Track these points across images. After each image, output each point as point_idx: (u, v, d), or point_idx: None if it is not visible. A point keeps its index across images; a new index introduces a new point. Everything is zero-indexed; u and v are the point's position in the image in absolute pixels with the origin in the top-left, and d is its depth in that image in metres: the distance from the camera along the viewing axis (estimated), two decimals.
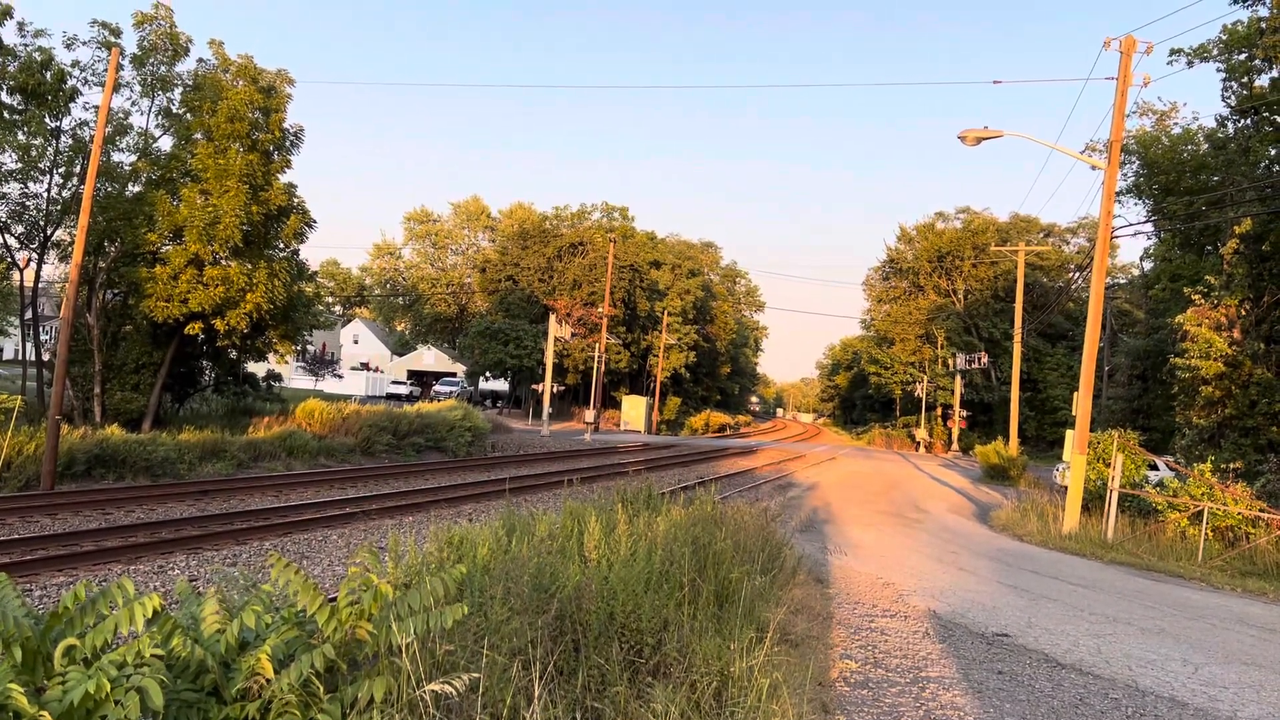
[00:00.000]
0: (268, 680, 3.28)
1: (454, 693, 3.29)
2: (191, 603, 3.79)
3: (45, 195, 27.64)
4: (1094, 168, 21.84)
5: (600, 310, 62.76)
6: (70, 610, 3.36)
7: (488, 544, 5.87)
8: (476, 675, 3.48)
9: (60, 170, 27.60)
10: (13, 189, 27.01)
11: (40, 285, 43.06)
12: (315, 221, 31.50)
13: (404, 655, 3.46)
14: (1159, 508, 19.29)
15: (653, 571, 5.82)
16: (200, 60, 29.55)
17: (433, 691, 3.37)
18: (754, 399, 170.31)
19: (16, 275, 29.52)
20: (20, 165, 26.41)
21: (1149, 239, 43.86)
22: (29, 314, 29.71)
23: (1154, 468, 24.28)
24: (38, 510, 15.87)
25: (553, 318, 54.94)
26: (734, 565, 7.05)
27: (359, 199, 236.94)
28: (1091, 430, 21.70)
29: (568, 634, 4.95)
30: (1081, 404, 20.60)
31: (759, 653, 5.40)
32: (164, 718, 3.14)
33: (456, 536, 6.18)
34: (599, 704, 4.55)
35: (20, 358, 30.30)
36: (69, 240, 27.75)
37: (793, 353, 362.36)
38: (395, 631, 3.38)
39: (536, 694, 3.89)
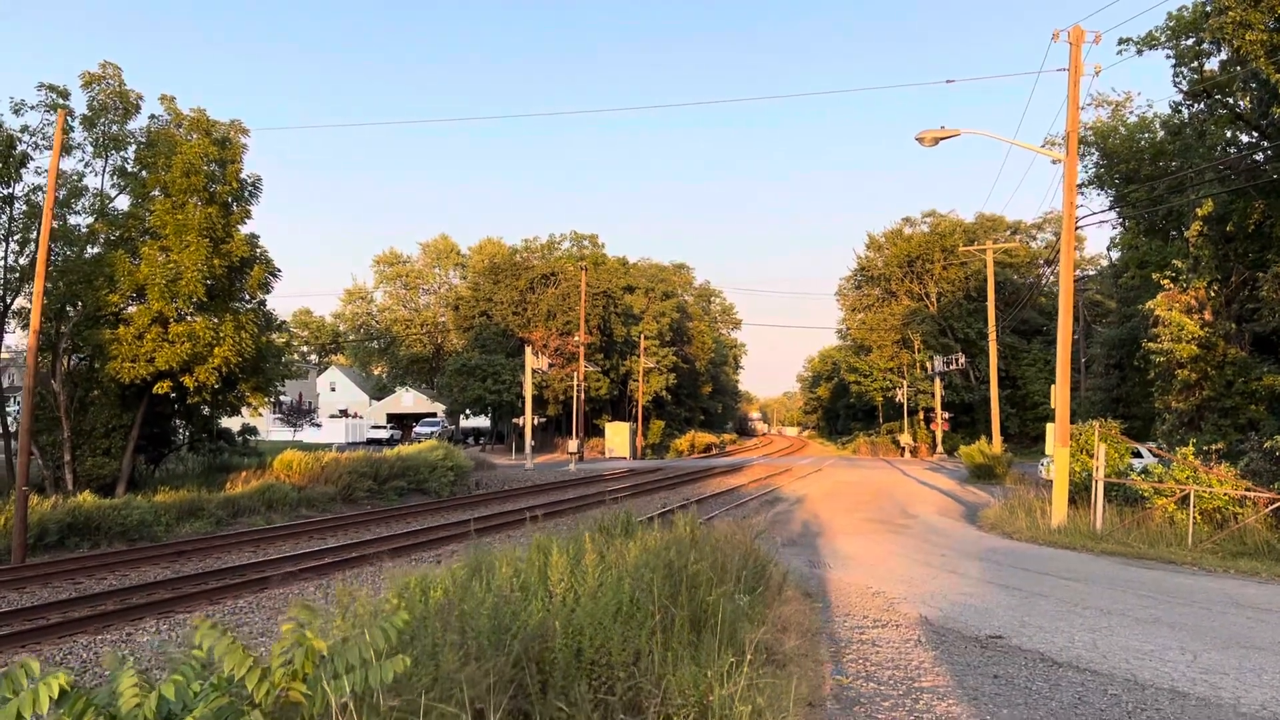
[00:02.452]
0: None
1: None
2: (116, 677, 3.52)
3: (2, 263, 27.20)
4: (1055, 161, 21.97)
5: (576, 339, 62.54)
6: None
7: (442, 587, 5.60)
8: None
9: (16, 237, 27.18)
10: None
11: (9, 356, 42.51)
12: (280, 271, 31.19)
13: (340, 717, 3.21)
14: (1145, 495, 19.19)
15: (622, 601, 5.58)
16: (153, 116, 29.26)
17: None
18: (756, 414, 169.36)
19: None
20: None
21: (1114, 228, 44.18)
22: None
23: (1138, 455, 24.22)
24: (5, 585, 15.39)
25: (529, 350, 54.69)
26: (712, 587, 6.81)
27: (328, 245, 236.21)
28: (1072, 422, 21.63)
29: (533, 676, 4.69)
30: (1060, 396, 20.52)
31: (739, 677, 5.16)
32: None
33: (413, 581, 5.91)
34: None
35: None
36: (30, 308, 27.28)
37: (773, 368, 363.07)
38: (329, 691, 3.13)
39: None
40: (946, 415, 65.75)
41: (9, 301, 27.51)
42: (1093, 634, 9.84)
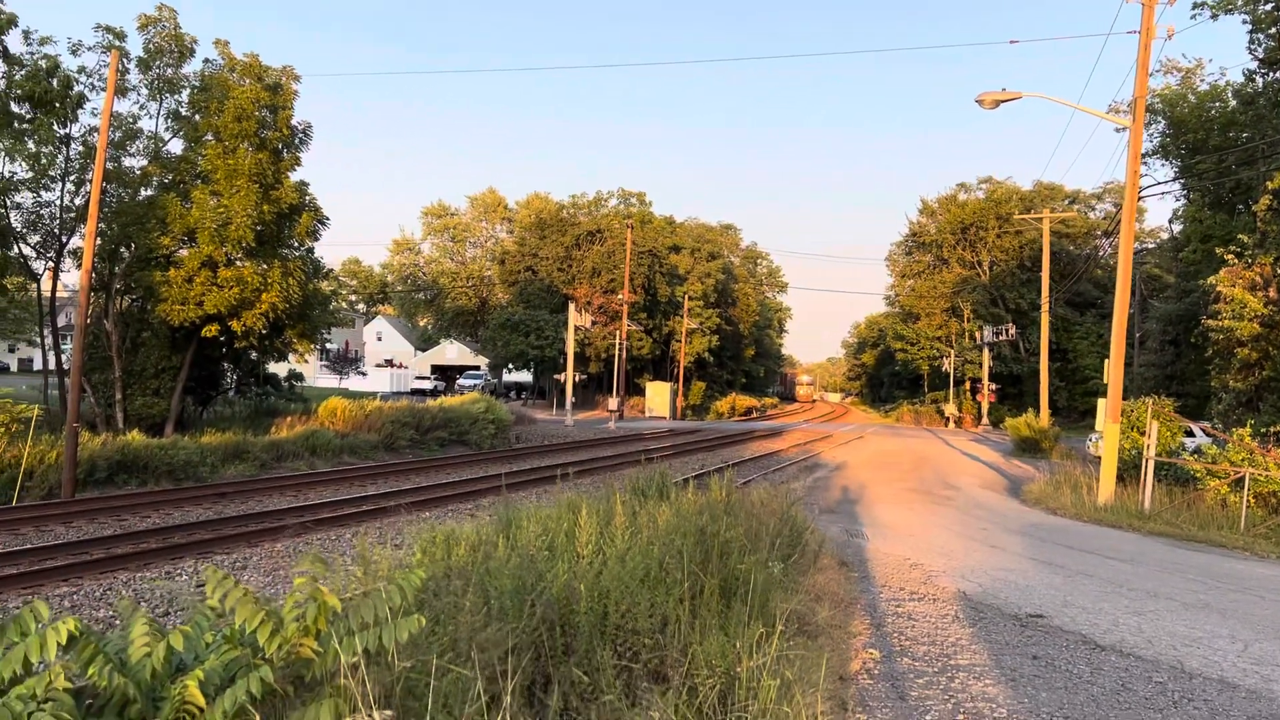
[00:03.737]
0: (200, 709, 2.93)
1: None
2: (130, 624, 3.45)
3: (58, 203, 27.57)
4: (1120, 129, 21.21)
5: (620, 297, 62.33)
6: None
7: (467, 543, 5.50)
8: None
9: (72, 178, 27.48)
10: (25, 198, 26.94)
11: (68, 295, 43.33)
12: (328, 219, 31.34)
13: (351, 676, 3.10)
14: (1197, 475, 18.68)
15: (651, 566, 5.44)
16: (206, 60, 29.33)
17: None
18: (806, 378, 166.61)
19: (35, 285, 29.50)
20: (31, 174, 26.29)
21: (1177, 200, 42.86)
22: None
23: (1190, 434, 23.59)
24: (53, 519, 15.73)
25: (572, 307, 54.62)
26: (745, 554, 6.65)
27: (380, 195, 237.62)
28: (1124, 398, 21.07)
29: (556, 639, 4.58)
30: (1113, 371, 19.99)
31: (770, 649, 5.02)
32: None
33: (439, 536, 5.83)
34: (588, 717, 4.18)
35: (46, 367, 30.51)
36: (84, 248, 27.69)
37: (818, 333, 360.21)
38: (340, 649, 3.03)
39: (507, 705, 3.52)
40: (993, 386, 64.66)
41: (65, 241, 27.93)
42: (1138, 617, 9.56)
